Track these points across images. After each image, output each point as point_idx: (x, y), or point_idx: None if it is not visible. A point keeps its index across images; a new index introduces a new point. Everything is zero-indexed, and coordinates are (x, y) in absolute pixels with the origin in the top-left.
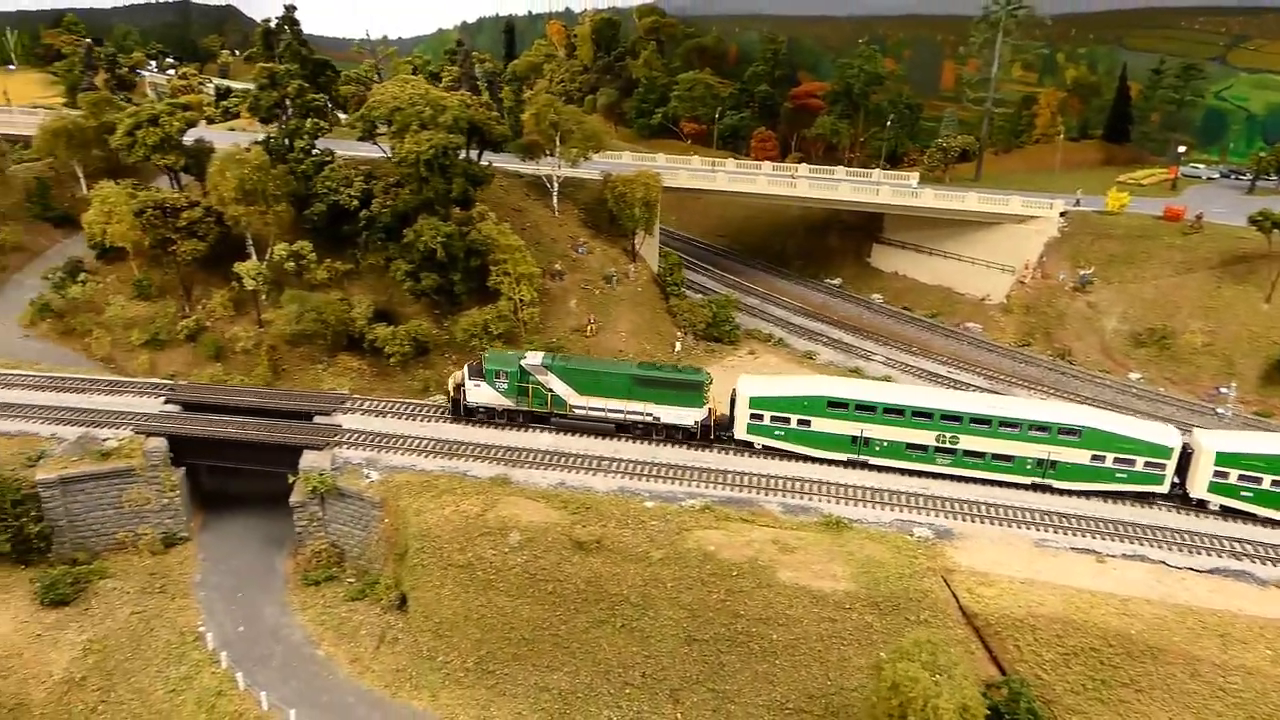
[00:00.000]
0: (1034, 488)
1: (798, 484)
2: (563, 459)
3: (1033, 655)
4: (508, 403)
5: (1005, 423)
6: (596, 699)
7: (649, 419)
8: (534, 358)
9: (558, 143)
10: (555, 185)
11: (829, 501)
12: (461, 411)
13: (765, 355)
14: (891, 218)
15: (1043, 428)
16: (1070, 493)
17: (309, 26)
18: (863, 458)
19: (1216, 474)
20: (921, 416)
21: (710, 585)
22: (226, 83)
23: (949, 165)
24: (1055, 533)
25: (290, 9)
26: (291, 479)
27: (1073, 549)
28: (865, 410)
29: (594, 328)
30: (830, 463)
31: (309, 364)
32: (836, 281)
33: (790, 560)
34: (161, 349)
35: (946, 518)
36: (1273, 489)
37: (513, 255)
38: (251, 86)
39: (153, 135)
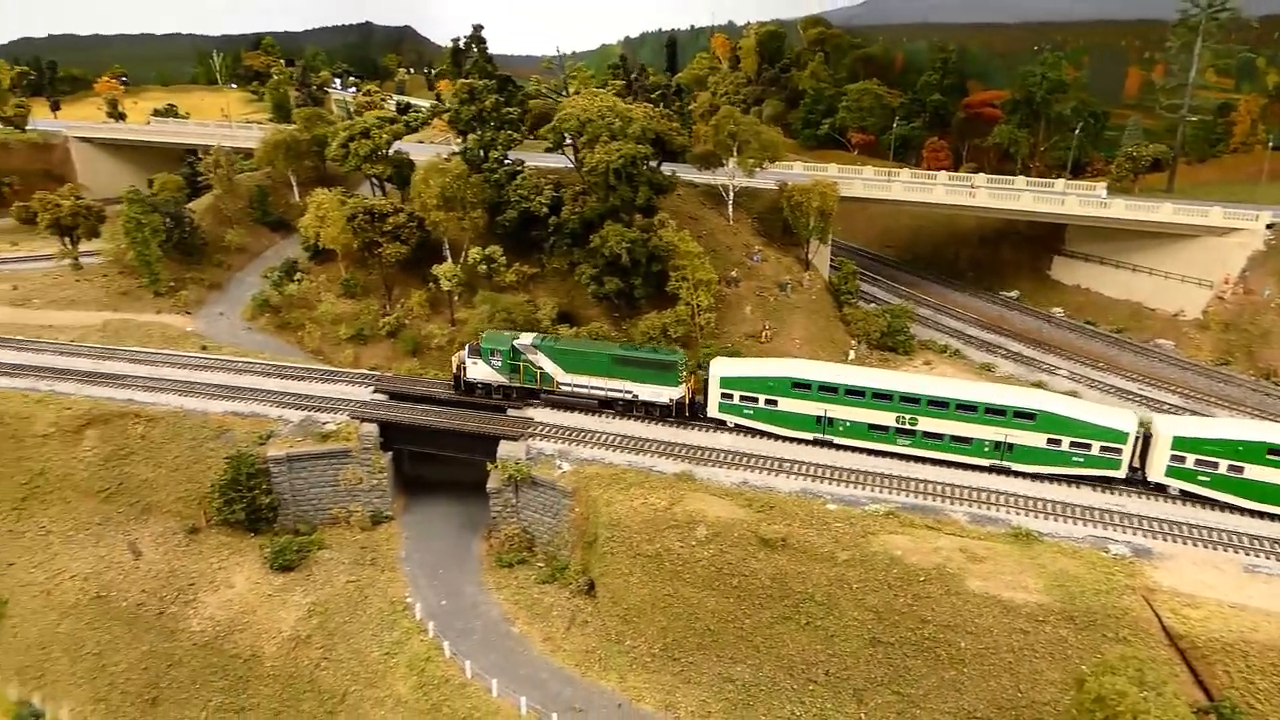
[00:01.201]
0: (993, 470)
1: (984, 494)
2: (745, 459)
3: (1244, 683)
4: (501, 379)
5: (961, 405)
6: (780, 693)
7: (628, 396)
8: (525, 338)
9: (735, 153)
10: (731, 194)
11: (1017, 513)
12: (461, 387)
13: (941, 366)
14: (1075, 229)
15: (998, 411)
16: (1029, 475)
17: (492, 46)
18: (827, 437)
19: (1173, 458)
20: (881, 398)
21: (897, 589)
22: (407, 99)
23: (1138, 175)
24: (1267, 558)
25: (478, 28)
26: (489, 467)
27: None
28: (828, 391)
29: (768, 334)
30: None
31: None
32: (1013, 294)
33: (979, 569)
34: (365, 343)
35: (1145, 536)
36: (1229, 474)
37: (692, 261)
38: (427, 103)
39: (364, 147)
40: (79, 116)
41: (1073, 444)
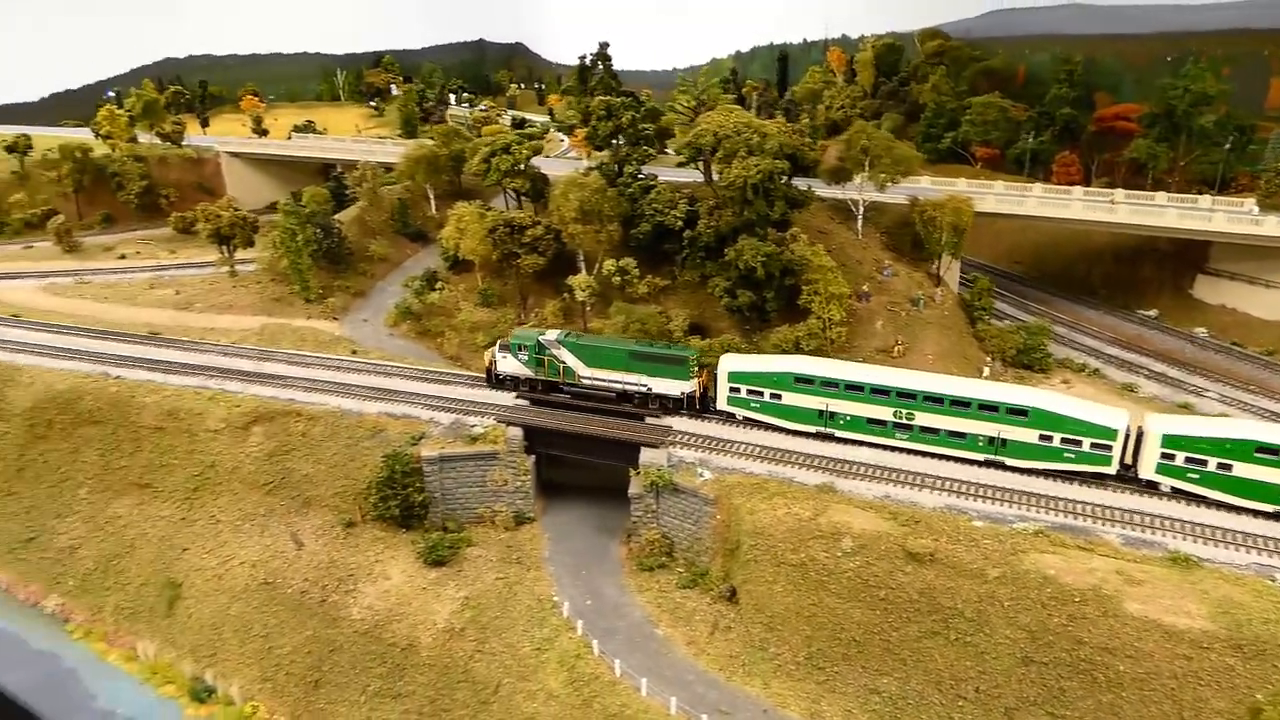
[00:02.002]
0: (987, 464)
1: (1137, 516)
2: (888, 473)
3: None
4: (528, 372)
5: (956, 401)
6: (927, 708)
7: (644, 389)
8: (550, 334)
9: (866, 167)
10: (861, 209)
11: (1174, 537)
12: (493, 380)
13: (1080, 385)
14: (1221, 247)
15: (991, 407)
16: (1023, 470)
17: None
18: (829, 430)
19: (1163, 456)
20: (879, 393)
21: (1050, 609)
22: (521, 114)
23: None
24: None
25: (604, 46)
26: (632, 473)
27: None
28: (829, 386)
29: (900, 349)
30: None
31: None
32: (1152, 313)
33: (1137, 593)
34: None
35: None
36: (1217, 471)
37: (825, 276)
38: (540, 118)
39: (505, 162)
40: (219, 132)
41: (1064, 440)
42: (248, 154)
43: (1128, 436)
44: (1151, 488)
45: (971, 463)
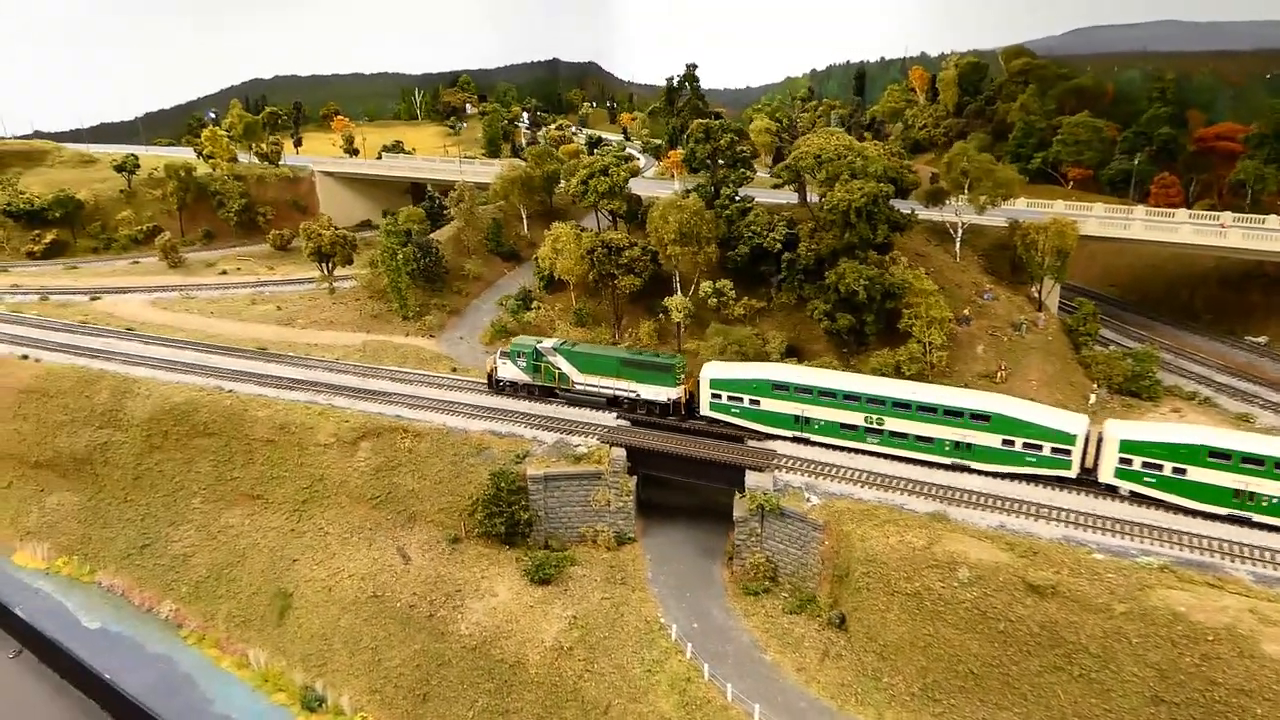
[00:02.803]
0: (954, 468)
1: (1270, 554)
2: (1000, 502)
3: None
4: (526, 378)
5: (923, 406)
6: None
7: (633, 395)
8: (548, 343)
9: (966, 190)
10: (959, 232)
11: None
12: (493, 385)
13: (1191, 414)
14: None
15: (956, 412)
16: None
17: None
18: (805, 435)
19: (1121, 460)
20: (851, 399)
21: (1181, 647)
22: (597, 133)
23: None
24: None
25: (691, 67)
26: (736, 496)
27: None
28: (804, 392)
29: (1004, 375)
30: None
31: None
32: (1261, 339)
33: (1274, 633)
34: None
35: None
36: (1173, 475)
37: (926, 299)
38: (615, 137)
39: (603, 184)
40: (306, 151)
41: (1025, 444)
42: (341, 173)
43: (1087, 441)
44: (1111, 491)
45: (941, 466)
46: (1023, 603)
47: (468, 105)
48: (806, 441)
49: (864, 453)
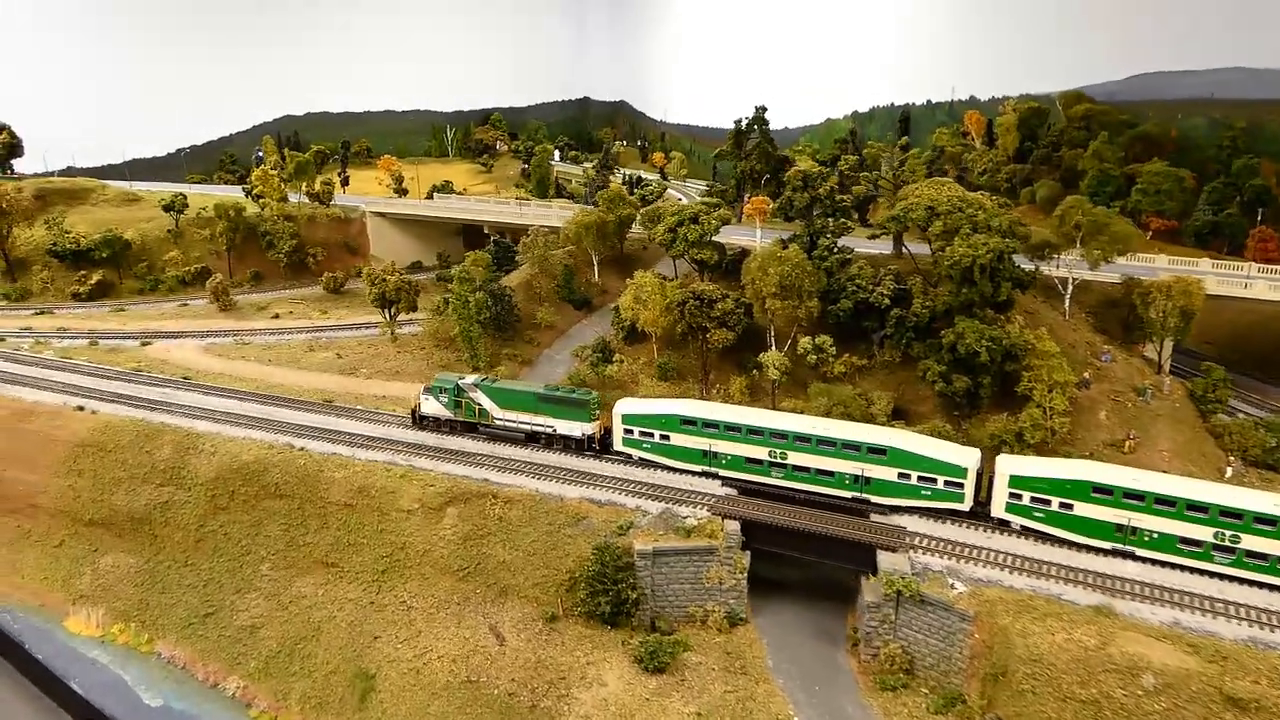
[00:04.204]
0: (855, 501)
1: None
2: (1170, 594)
3: None
4: (448, 413)
5: (823, 441)
6: None
7: (550, 430)
8: (469, 379)
9: (1079, 244)
10: (1070, 288)
11: None
12: (416, 420)
13: None
14: None
15: (854, 446)
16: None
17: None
18: (713, 470)
19: (1011, 495)
20: (755, 434)
21: None
22: (636, 172)
23: None
24: None
25: (761, 110)
26: (869, 578)
27: None
28: (711, 427)
29: (1133, 444)
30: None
31: None
32: None
33: None
34: None
35: None
36: (1060, 510)
37: (1049, 361)
38: (652, 176)
39: (693, 232)
40: (347, 189)
41: (920, 478)
42: (394, 214)
43: (979, 475)
44: (1004, 526)
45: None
46: (1221, 718)
47: (499, 143)
48: (715, 476)
49: (777, 487)
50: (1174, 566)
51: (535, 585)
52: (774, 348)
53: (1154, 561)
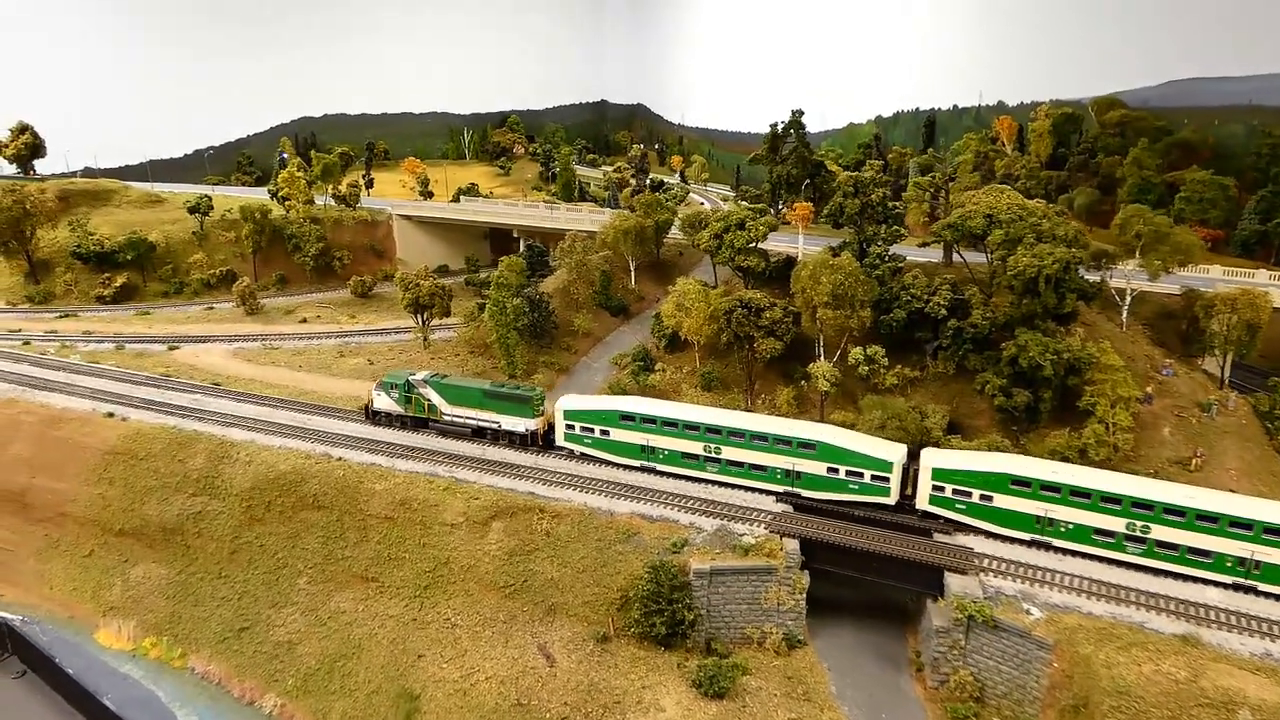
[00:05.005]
0: (786, 495)
1: None
2: (1261, 624)
3: None
4: (398, 409)
5: (756, 436)
6: None
7: (495, 425)
8: (419, 375)
9: (1138, 254)
10: (1127, 300)
11: None
12: (369, 415)
13: None
14: None
15: (786, 441)
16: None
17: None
18: (651, 464)
19: (934, 488)
20: (691, 429)
21: None
22: (661, 177)
23: None
24: None
25: (797, 114)
26: (938, 601)
27: None
28: (648, 423)
29: (1200, 462)
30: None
31: None
32: None
33: None
34: None
35: None
36: (981, 502)
37: (1113, 376)
38: (672, 180)
39: (740, 239)
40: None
41: (848, 472)
42: (421, 217)
43: (905, 469)
44: (929, 518)
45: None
46: None
47: (517, 146)
48: (654, 471)
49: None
50: (1089, 557)
51: (585, 603)
52: (822, 358)
53: (1079, 556)
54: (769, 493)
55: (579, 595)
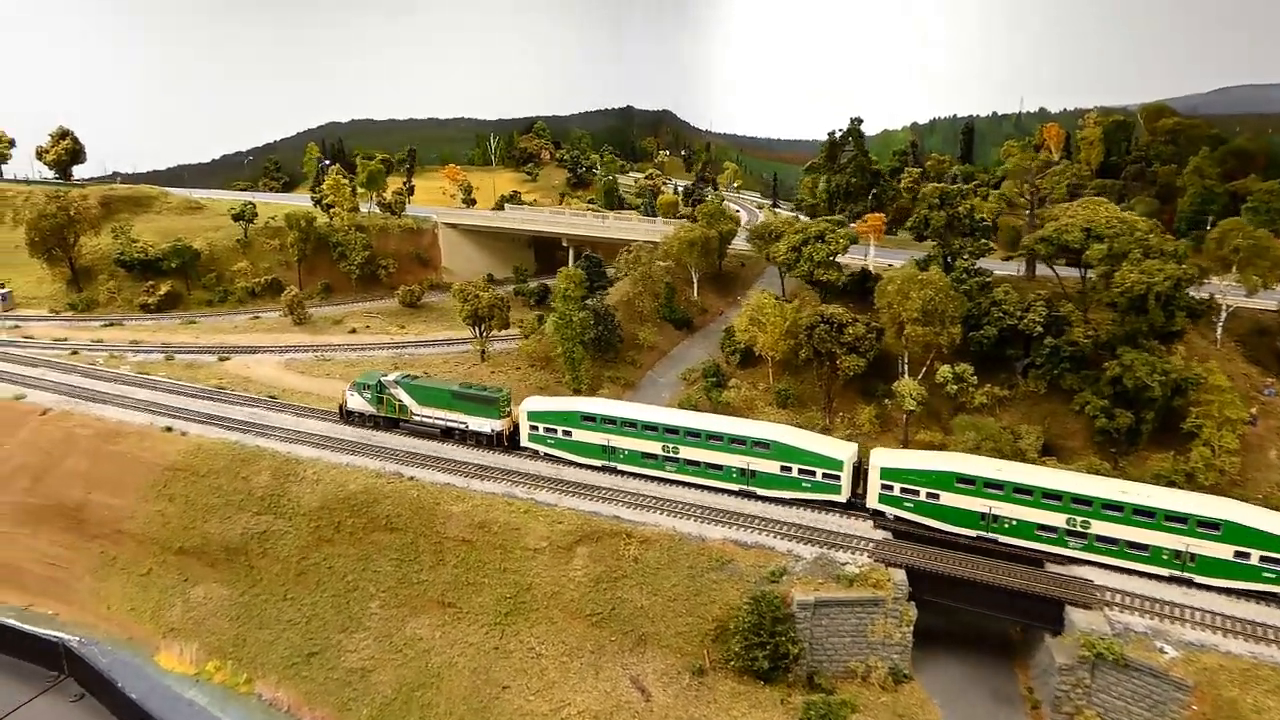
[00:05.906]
0: (741, 494)
1: None
2: None
3: None
4: (371, 409)
5: (712, 435)
6: None
7: (463, 426)
8: (390, 376)
9: (1235, 268)
10: (1223, 316)
11: None
12: (343, 415)
13: None
14: None
15: (741, 440)
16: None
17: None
18: (612, 464)
19: (884, 487)
20: (650, 429)
21: None
22: (687, 183)
23: None
24: None
25: (856, 121)
26: (1055, 636)
27: None
28: (609, 423)
29: None
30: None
31: None
32: None
33: None
34: None
35: None
36: (928, 500)
37: (1220, 397)
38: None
39: (819, 252)
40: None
41: (800, 471)
42: (466, 225)
43: (856, 468)
44: (879, 516)
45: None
46: None
47: (544, 152)
48: (616, 471)
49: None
50: (1032, 551)
51: (678, 634)
52: (906, 375)
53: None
54: (849, 512)
55: (671, 625)
